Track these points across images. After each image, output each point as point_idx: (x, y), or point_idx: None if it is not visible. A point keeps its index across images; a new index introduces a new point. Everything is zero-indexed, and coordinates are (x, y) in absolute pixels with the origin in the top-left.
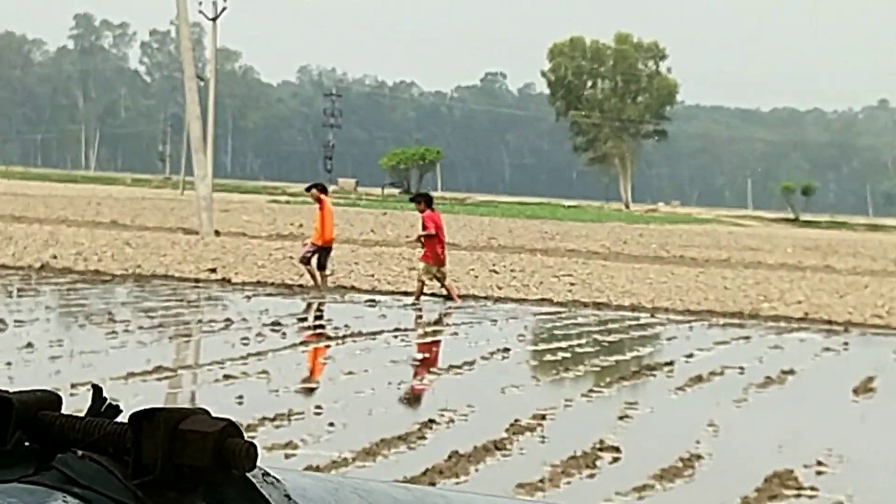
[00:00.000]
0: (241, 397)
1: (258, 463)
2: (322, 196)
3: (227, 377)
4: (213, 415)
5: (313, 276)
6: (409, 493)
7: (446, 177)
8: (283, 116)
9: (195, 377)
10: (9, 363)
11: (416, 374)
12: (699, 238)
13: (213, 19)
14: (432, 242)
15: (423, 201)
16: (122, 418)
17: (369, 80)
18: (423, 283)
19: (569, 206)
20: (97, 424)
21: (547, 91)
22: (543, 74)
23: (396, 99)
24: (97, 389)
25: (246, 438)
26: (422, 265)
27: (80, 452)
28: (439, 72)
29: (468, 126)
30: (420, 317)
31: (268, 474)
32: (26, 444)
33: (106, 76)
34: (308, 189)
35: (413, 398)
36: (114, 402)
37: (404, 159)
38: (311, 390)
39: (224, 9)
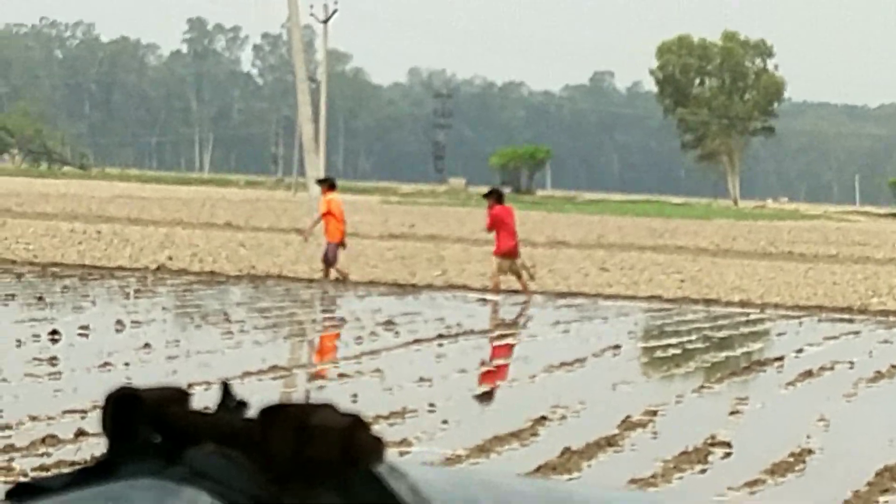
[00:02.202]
0: (355, 395)
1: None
2: (331, 191)
3: (341, 376)
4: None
5: (340, 272)
6: (536, 486)
7: (556, 175)
8: (394, 117)
9: (310, 376)
10: (127, 363)
11: (527, 372)
12: (807, 234)
13: (325, 22)
14: (503, 236)
15: (495, 197)
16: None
17: (479, 80)
18: (498, 279)
19: (677, 204)
20: (226, 420)
21: (655, 89)
22: (651, 73)
23: (506, 99)
24: (226, 385)
25: (373, 433)
26: (496, 260)
27: (209, 447)
28: (548, 72)
29: (577, 125)
30: (531, 315)
31: (394, 468)
32: (155, 439)
33: (219, 79)
34: (320, 183)
35: (525, 395)
36: (242, 398)
37: (514, 158)
38: (426, 388)
39: (335, 11)
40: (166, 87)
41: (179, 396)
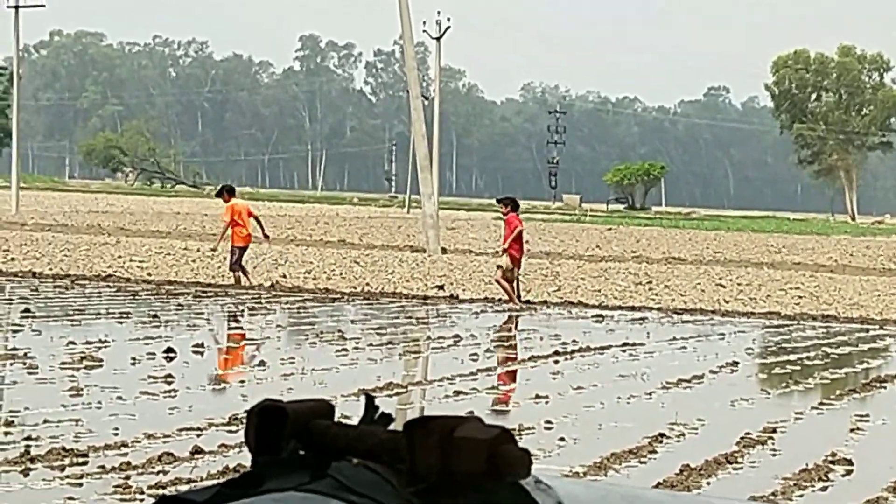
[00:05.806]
0: (471, 413)
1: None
2: (232, 198)
3: (456, 393)
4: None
5: (247, 276)
6: (677, 500)
7: (670, 191)
8: (507, 133)
9: (424, 393)
10: (242, 381)
11: (644, 389)
12: None
13: (438, 38)
14: (515, 246)
15: (510, 204)
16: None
17: (592, 96)
18: (504, 282)
19: (794, 220)
20: (371, 433)
21: (771, 104)
22: (767, 88)
23: (620, 114)
24: (369, 398)
25: (520, 446)
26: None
27: (354, 460)
28: (662, 87)
29: (692, 141)
30: (648, 332)
31: (539, 481)
32: (301, 452)
33: (332, 97)
34: (218, 194)
35: (642, 412)
36: (385, 411)
37: (628, 175)
38: (543, 405)
39: (448, 28)
40: (279, 104)
41: (324, 409)
